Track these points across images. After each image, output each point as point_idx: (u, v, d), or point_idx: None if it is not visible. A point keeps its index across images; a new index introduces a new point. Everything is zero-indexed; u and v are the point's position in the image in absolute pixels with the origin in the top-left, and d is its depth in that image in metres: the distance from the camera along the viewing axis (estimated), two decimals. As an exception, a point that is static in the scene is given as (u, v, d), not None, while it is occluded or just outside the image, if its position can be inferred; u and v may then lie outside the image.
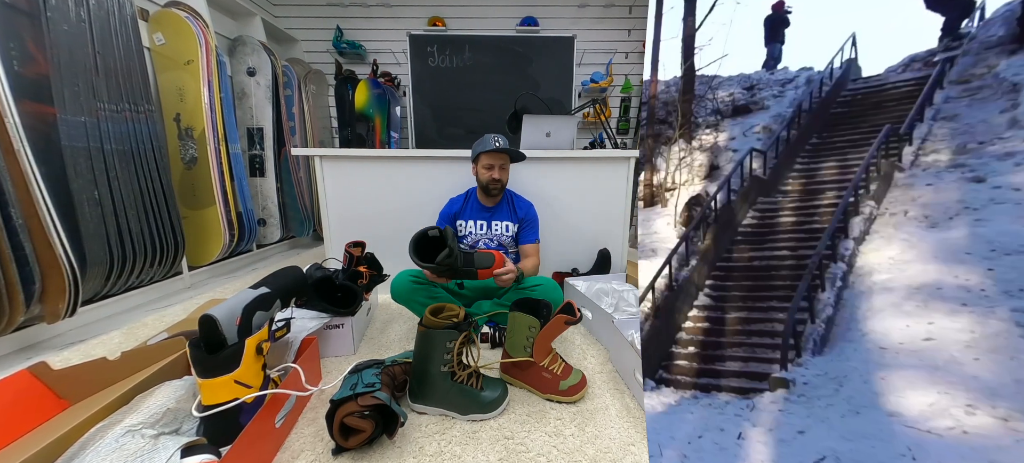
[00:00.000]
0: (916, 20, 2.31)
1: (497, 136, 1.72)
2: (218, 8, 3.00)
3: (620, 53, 4.24)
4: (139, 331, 1.69)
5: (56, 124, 1.59)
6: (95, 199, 1.70)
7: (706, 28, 2.63)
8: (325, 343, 1.44)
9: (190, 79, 2.31)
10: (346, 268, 1.71)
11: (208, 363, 0.86)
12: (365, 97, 3.70)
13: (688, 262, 2.24)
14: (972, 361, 1.23)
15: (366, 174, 2.16)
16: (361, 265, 1.71)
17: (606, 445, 0.99)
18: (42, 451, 0.74)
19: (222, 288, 2.34)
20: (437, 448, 0.97)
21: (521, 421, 1.08)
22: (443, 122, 3.95)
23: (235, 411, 0.89)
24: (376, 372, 1.03)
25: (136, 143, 1.92)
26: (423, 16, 4.13)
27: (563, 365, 1.22)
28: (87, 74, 1.71)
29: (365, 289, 1.63)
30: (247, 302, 0.95)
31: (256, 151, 3.00)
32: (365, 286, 1.64)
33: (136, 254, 1.86)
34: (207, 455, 0.77)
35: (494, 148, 1.69)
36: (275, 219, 3.13)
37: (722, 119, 2.88)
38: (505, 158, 1.75)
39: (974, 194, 1.60)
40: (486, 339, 1.54)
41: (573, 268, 2.32)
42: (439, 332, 1.07)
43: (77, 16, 1.69)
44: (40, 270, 1.44)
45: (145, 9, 2.27)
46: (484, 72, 3.87)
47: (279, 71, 3.10)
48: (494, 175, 1.75)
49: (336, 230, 2.22)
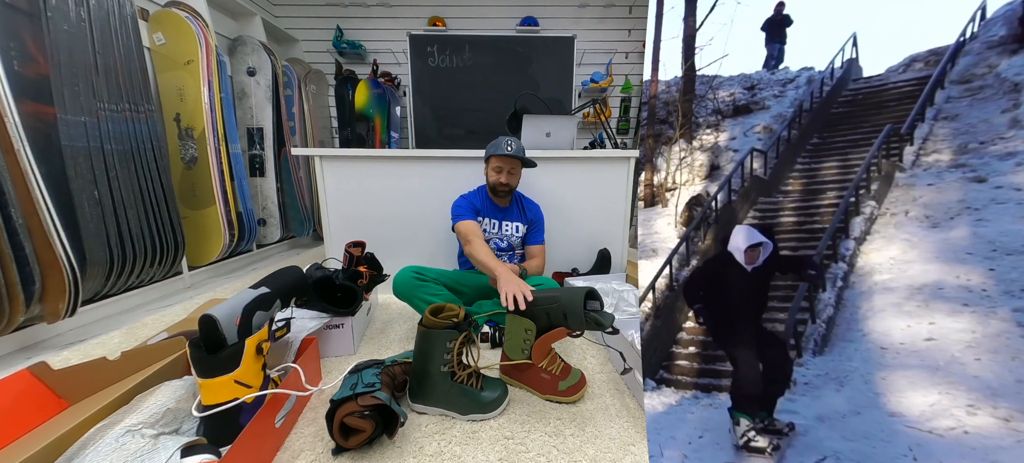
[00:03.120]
0: (917, 19, 2.30)
1: (511, 139, 1.71)
2: (218, 8, 3.00)
3: (620, 53, 4.24)
4: (139, 331, 1.69)
5: (56, 124, 1.59)
6: (95, 199, 1.70)
7: (707, 28, 2.62)
8: (325, 343, 1.44)
9: (190, 79, 2.31)
10: (346, 268, 1.71)
11: (208, 363, 0.86)
12: (365, 97, 3.70)
13: (689, 262, 2.24)
14: (973, 361, 1.22)
15: (366, 174, 2.16)
16: (361, 265, 1.71)
17: (606, 445, 0.99)
18: (42, 451, 0.74)
19: (222, 288, 2.34)
20: (437, 448, 0.97)
21: (521, 421, 1.08)
22: (443, 122, 3.95)
23: (235, 411, 0.89)
24: (376, 372, 1.03)
25: (136, 143, 1.91)
26: (423, 16, 4.13)
27: (562, 365, 1.21)
28: (87, 74, 1.71)
29: (365, 289, 1.63)
30: (247, 302, 0.95)
31: (256, 151, 3.00)
32: (365, 286, 1.64)
33: (136, 254, 1.86)
34: (207, 455, 0.76)
35: (505, 152, 1.69)
36: (275, 219, 3.13)
37: (723, 119, 2.88)
38: (515, 163, 1.76)
39: (975, 194, 1.59)
40: (486, 339, 1.54)
41: (573, 268, 2.32)
42: (439, 332, 1.07)
43: (77, 16, 1.69)
44: (40, 270, 1.44)
45: (145, 9, 2.27)
46: (484, 72, 3.86)
47: (279, 71, 3.10)
48: (502, 179, 1.75)
49: (336, 230, 2.22)
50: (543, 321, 1.17)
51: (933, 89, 2.10)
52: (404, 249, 2.21)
